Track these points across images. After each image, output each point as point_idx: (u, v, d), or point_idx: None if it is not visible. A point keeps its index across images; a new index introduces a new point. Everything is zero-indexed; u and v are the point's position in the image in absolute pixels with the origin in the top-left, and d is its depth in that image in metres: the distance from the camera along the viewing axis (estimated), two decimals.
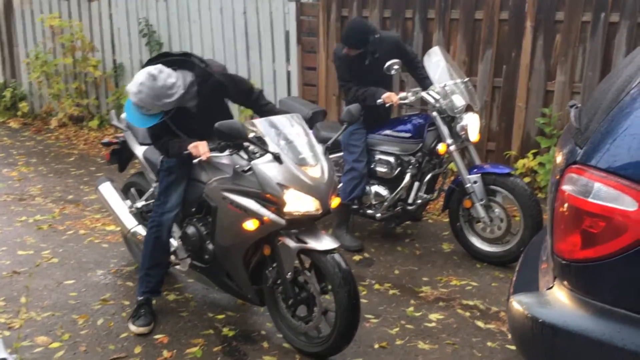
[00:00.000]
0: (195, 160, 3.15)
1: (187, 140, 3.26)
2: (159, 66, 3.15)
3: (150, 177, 3.81)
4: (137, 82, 3.09)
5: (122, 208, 3.96)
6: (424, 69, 4.38)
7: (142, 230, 3.78)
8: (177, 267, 3.64)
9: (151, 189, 3.85)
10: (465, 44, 5.66)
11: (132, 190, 4.11)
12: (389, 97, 4.17)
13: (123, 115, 4.09)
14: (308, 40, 6.48)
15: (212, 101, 3.37)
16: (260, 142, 3.01)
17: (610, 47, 5.11)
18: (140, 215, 3.93)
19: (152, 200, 3.80)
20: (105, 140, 4.21)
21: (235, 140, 3.00)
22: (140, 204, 3.92)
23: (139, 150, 3.87)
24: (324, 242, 2.98)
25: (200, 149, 3.13)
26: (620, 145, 1.94)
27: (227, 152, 3.11)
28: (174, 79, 3.14)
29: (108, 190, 4.06)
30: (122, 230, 4.08)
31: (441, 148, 4.24)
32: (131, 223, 3.88)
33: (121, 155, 4.12)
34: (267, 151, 2.96)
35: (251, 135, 3.09)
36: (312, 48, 6.46)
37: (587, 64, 5.20)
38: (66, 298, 3.77)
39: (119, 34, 7.75)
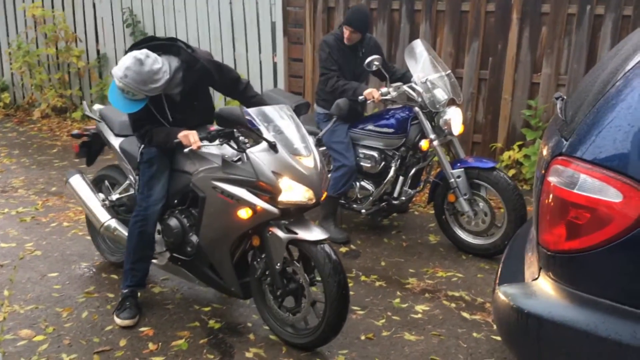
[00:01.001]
0: (185, 150, 3.08)
1: (174, 129, 3.20)
2: (145, 51, 3.09)
3: (127, 169, 3.70)
4: (123, 66, 3.02)
5: (94, 201, 3.81)
6: (398, 71, 4.53)
7: (116, 224, 3.70)
8: (154, 261, 3.54)
9: (127, 182, 3.77)
10: (452, 36, 5.66)
11: (106, 182, 3.99)
12: (371, 94, 4.15)
13: (95, 107, 4.02)
14: (294, 32, 6.45)
15: (197, 88, 3.33)
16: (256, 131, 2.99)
17: (595, 39, 5.14)
18: (113, 209, 3.83)
19: (127, 194, 3.74)
20: (75, 132, 4.09)
21: (234, 126, 2.97)
22: (114, 196, 3.83)
23: (115, 142, 3.76)
24: (314, 233, 2.98)
25: (190, 138, 3.08)
26: (605, 137, 1.95)
27: (217, 142, 3.06)
28: (160, 64, 3.08)
29: (79, 183, 3.90)
30: (89, 223, 3.99)
31: (424, 144, 4.24)
32: (104, 217, 3.74)
33: (90, 148, 4.02)
34: (263, 139, 2.93)
35: None
36: (298, 39, 6.43)
37: (572, 57, 5.23)
38: (50, 291, 3.74)
39: (103, 24, 7.66)
